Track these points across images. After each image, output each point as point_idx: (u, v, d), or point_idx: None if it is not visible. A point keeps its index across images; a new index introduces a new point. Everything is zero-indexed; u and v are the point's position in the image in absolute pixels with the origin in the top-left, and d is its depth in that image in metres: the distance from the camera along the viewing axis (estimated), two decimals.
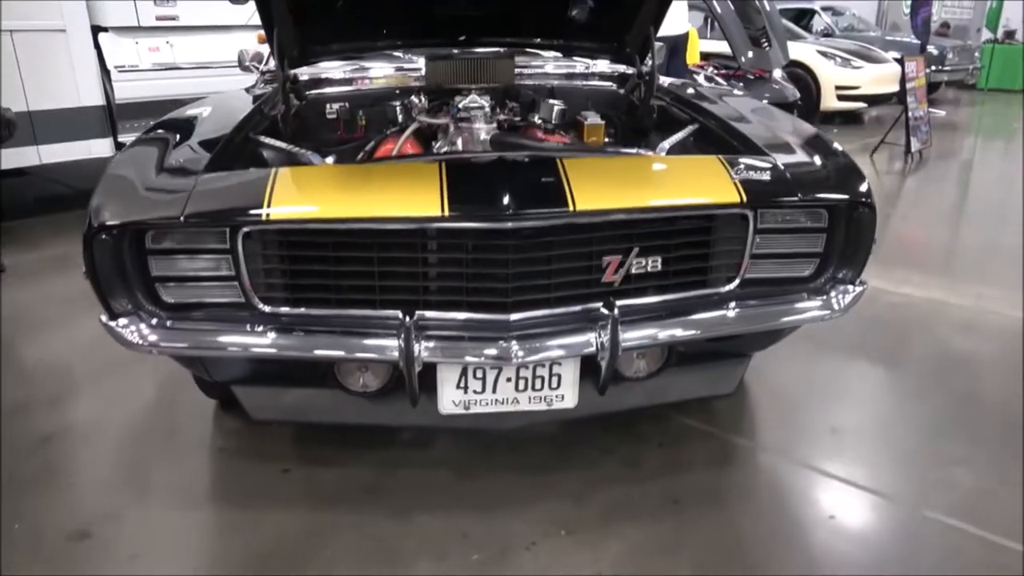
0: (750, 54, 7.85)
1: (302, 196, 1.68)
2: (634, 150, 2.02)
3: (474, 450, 2.21)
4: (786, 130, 2.23)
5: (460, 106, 2.49)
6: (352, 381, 1.85)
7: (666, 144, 2.08)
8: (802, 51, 9.30)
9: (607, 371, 1.71)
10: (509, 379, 1.77)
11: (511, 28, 2.92)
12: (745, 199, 1.74)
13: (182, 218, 1.61)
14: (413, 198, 1.63)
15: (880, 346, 2.95)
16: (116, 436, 2.37)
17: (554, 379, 1.79)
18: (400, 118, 2.63)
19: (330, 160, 1.94)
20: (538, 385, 1.79)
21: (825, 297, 1.90)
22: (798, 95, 8.11)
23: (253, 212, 1.61)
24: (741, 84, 7.82)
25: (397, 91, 2.94)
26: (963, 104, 12.33)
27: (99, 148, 5.26)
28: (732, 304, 1.83)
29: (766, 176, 1.80)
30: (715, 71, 8.13)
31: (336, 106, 2.85)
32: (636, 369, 1.92)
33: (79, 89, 5.12)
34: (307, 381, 1.90)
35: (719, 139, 2.24)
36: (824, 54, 9.39)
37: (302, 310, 1.73)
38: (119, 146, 5.31)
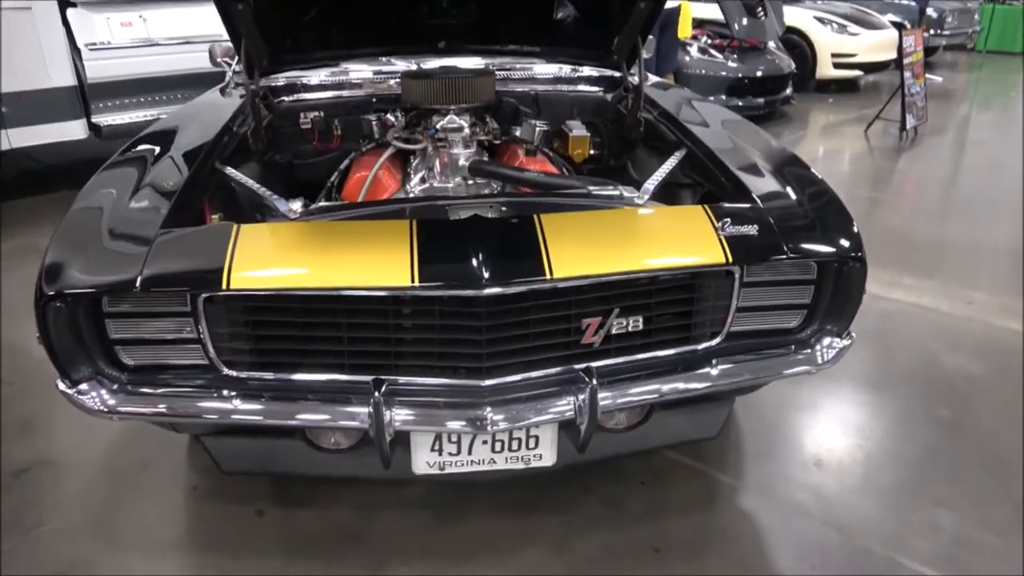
0: (744, 22, 7.68)
1: (264, 261, 1.59)
2: (616, 191, 1.92)
3: (452, 491, 2.18)
4: (764, 155, 2.18)
5: (438, 127, 2.38)
6: (323, 439, 1.80)
7: (650, 185, 1.98)
8: (798, 16, 9.07)
9: (586, 433, 1.66)
10: (485, 441, 1.72)
11: (493, 34, 2.79)
12: (731, 258, 1.66)
13: (137, 285, 1.53)
14: (382, 265, 1.55)
15: (868, 364, 2.91)
16: (89, 472, 2.32)
17: (532, 440, 1.75)
18: (376, 132, 2.52)
19: (297, 205, 1.83)
20: (515, 446, 1.75)
21: (810, 350, 1.84)
22: (793, 66, 7.93)
23: (213, 279, 1.53)
24: (735, 55, 7.64)
25: (374, 99, 2.82)
26: (961, 68, 12.14)
27: (71, 130, 5.09)
28: (715, 360, 1.78)
29: (752, 230, 1.73)
30: (708, 41, 7.93)
31: (311, 116, 2.73)
32: (617, 421, 1.88)
33: (48, 69, 4.91)
34: (278, 435, 1.85)
35: (704, 170, 2.16)
36: (821, 20, 9.16)
37: (269, 375, 1.67)
38: (93, 127, 5.14)
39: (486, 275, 1.53)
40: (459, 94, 2.38)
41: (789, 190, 1.94)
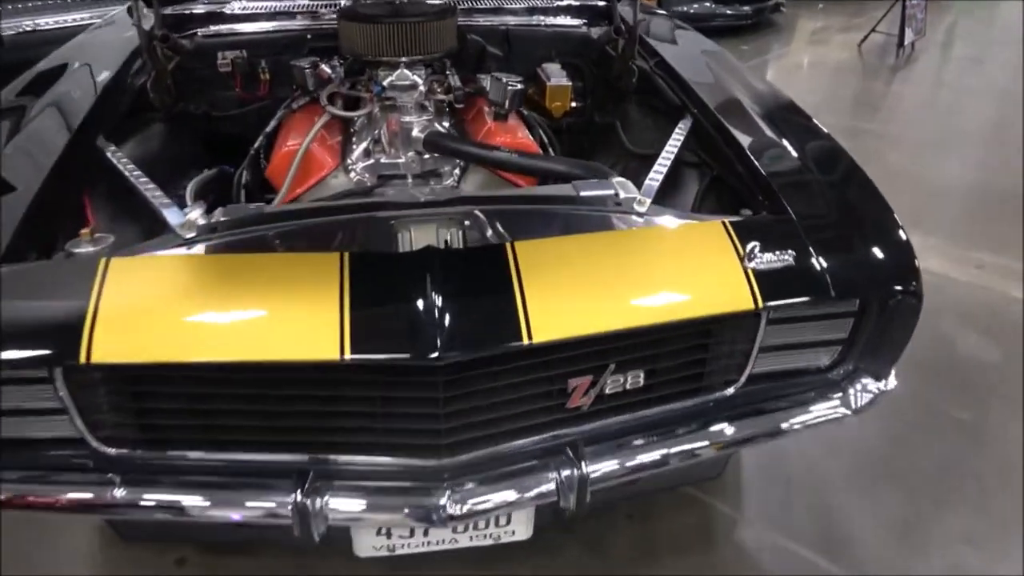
0: None
1: (141, 317, 1.17)
2: (610, 189, 1.50)
3: None
4: (768, 112, 1.86)
5: (384, 84, 1.90)
6: None
7: (652, 182, 1.56)
8: None
9: (572, 513, 1.33)
10: None
11: None
12: (761, 302, 1.29)
13: None
14: (301, 327, 1.14)
15: None
16: None
17: (503, 518, 1.41)
18: (310, 84, 2.03)
19: (196, 214, 1.39)
20: (482, 524, 1.41)
21: (842, 393, 1.51)
22: None
23: (65, 347, 1.12)
24: None
25: (309, 35, 2.30)
26: None
27: None
28: (730, 413, 1.44)
29: (787, 258, 1.34)
30: None
31: (230, 55, 2.21)
32: None
33: None
34: None
35: (712, 145, 1.75)
36: None
37: (160, 453, 1.28)
38: None
39: (441, 340, 1.13)
40: (412, 42, 1.88)
41: (816, 180, 1.56)
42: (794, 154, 1.68)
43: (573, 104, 2.35)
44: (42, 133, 1.68)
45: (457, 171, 1.92)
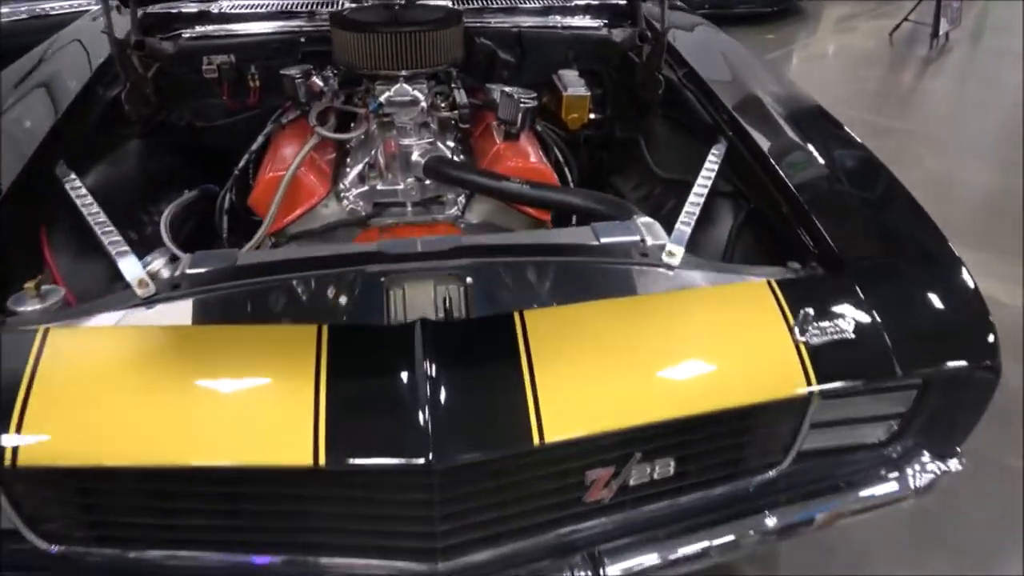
0: None
1: (80, 408, 0.98)
2: (634, 235, 1.29)
3: None
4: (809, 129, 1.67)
5: (381, 100, 1.70)
6: None
7: (684, 227, 1.35)
8: None
9: None
10: None
11: None
12: (816, 386, 1.09)
13: None
14: (267, 427, 0.96)
15: None
16: None
17: None
18: (302, 95, 1.83)
19: (159, 263, 1.21)
20: None
21: (899, 473, 1.31)
22: None
23: None
24: None
25: (303, 39, 2.09)
26: None
27: None
28: (772, 499, 1.25)
29: (845, 329, 1.14)
30: None
31: (217, 60, 2.01)
32: None
33: None
34: None
35: (749, 173, 1.54)
36: None
37: (112, 551, 1.10)
38: None
39: (435, 442, 0.94)
40: (412, 53, 1.68)
41: (868, 217, 1.38)
42: (841, 184, 1.49)
43: (592, 116, 2.14)
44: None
45: (462, 198, 1.73)
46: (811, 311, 1.13)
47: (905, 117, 4.80)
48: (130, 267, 1.20)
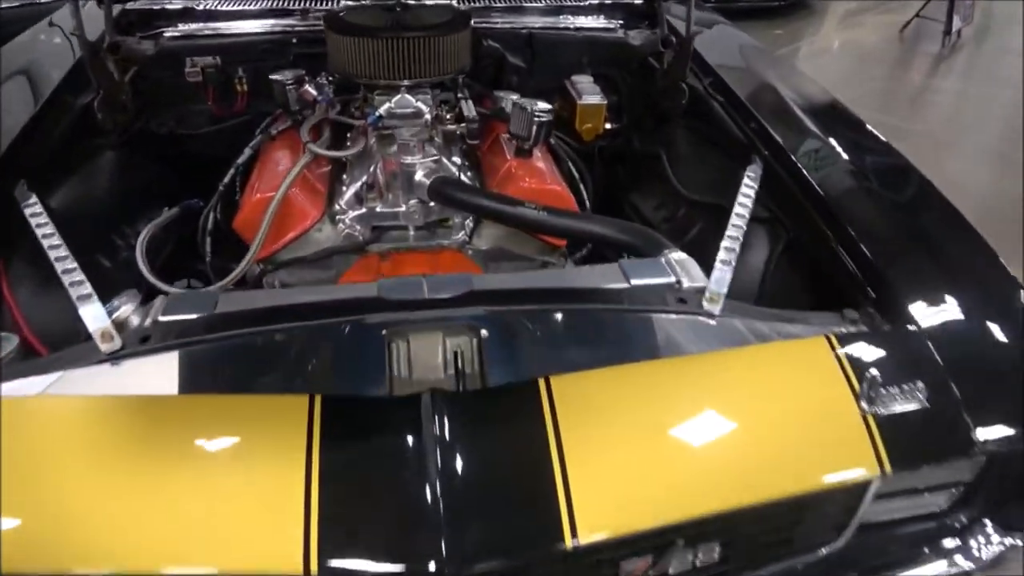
0: None
1: (26, 502, 0.83)
2: (668, 276, 1.14)
3: None
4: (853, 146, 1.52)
5: (381, 112, 1.54)
6: None
7: (724, 269, 1.19)
8: None
9: None
10: None
11: None
12: (890, 468, 0.94)
13: None
14: (249, 528, 0.80)
15: None
16: None
17: None
18: (293, 103, 1.67)
19: (128, 309, 1.05)
20: None
21: (961, 543, 1.17)
22: None
23: None
24: None
25: (295, 40, 1.93)
26: None
27: None
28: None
29: (918, 396, 0.99)
30: None
31: (201, 63, 1.85)
32: None
33: None
34: None
35: (788, 197, 1.40)
36: None
37: None
38: None
39: (448, 544, 0.79)
40: (416, 61, 1.52)
41: (928, 252, 1.23)
42: (893, 211, 1.35)
43: (607, 126, 1.98)
44: None
45: (469, 221, 1.57)
46: (878, 374, 0.98)
47: (920, 118, 4.65)
48: (93, 315, 1.04)
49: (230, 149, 1.80)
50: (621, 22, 2.16)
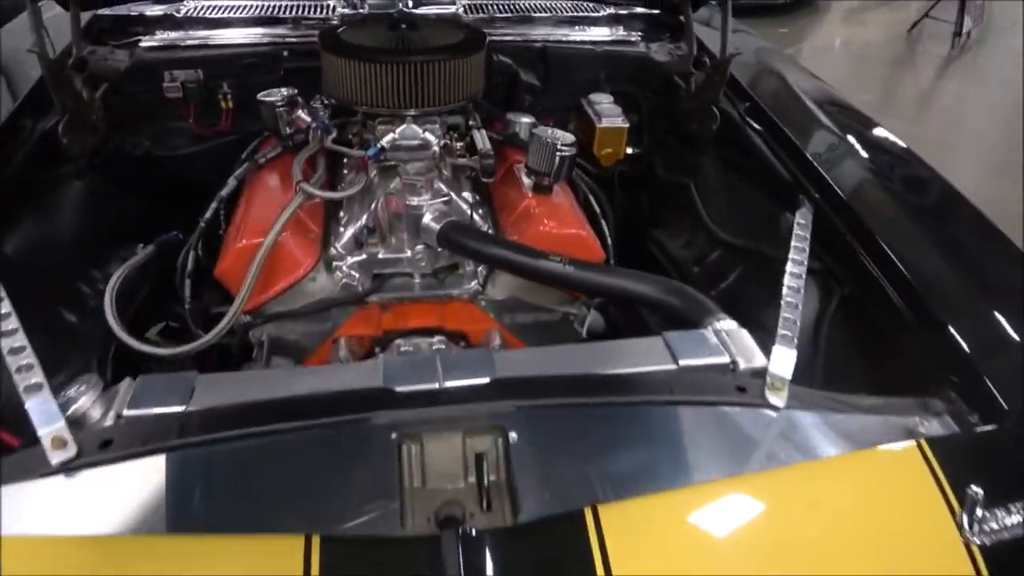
0: None
1: None
2: (721, 356, 0.98)
3: None
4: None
5: (383, 144, 1.37)
6: None
7: (785, 353, 1.02)
8: None
9: None
10: None
11: None
12: None
13: None
14: None
15: None
16: None
17: None
18: (284, 127, 1.49)
19: (84, 404, 0.88)
20: None
21: None
22: None
23: None
24: None
25: (285, 53, 1.75)
26: None
27: None
28: None
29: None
30: None
31: (181, 76, 1.67)
32: None
33: None
34: None
35: (841, 244, 1.24)
36: None
37: None
38: None
39: None
40: (424, 89, 1.34)
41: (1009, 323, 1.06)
42: (969, 267, 1.20)
43: (629, 150, 1.82)
44: None
45: (483, 268, 1.40)
46: (980, 492, 0.82)
47: (929, 124, 4.50)
48: (43, 413, 0.86)
49: (214, 172, 1.62)
50: (641, 34, 1.99)
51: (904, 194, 1.36)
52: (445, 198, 1.34)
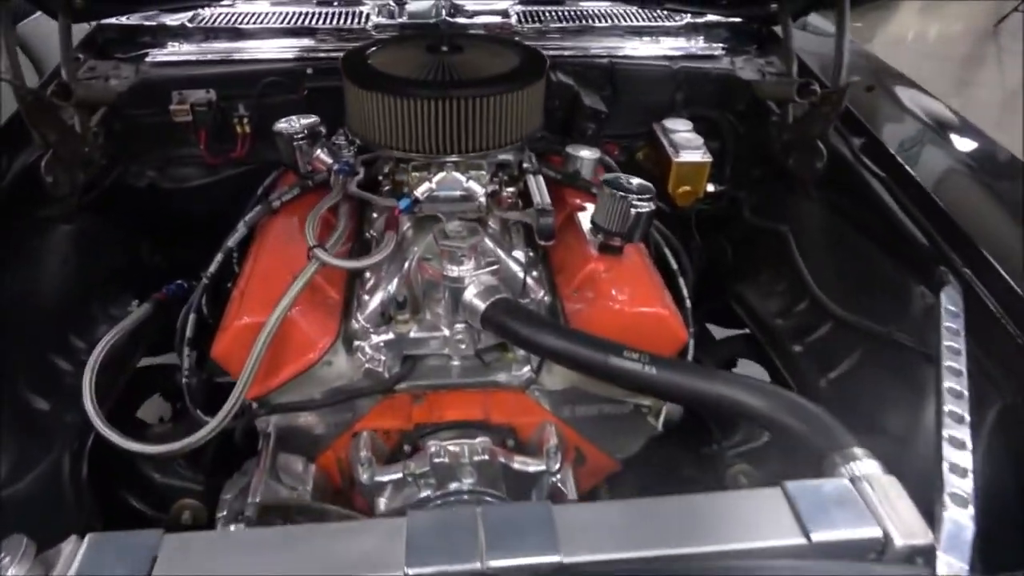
0: None
1: None
2: (874, 528, 0.71)
3: None
4: None
5: (419, 194, 1.11)
6: None
7: (961, 516, 0.74)
8: None
9: None
10: None
11: None
12: None
13: None
14: None
15: None
16: None
17: None
18: (303, 163, 1.25)
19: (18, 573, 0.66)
20: None
21: None
22: None
23: None
24: None
25: (309, 70, 1.51)
26: None
27: None
28: None
29: None
30: None
31: (192, 98, 1.46)
32: None
33: None
34: None
35: (1012, 358, 0.95)
36: None
37: None
38: None
39: None
40: (468, 132, 1.08)
41: None
42: None
43: (710, 188, 1.53)
44: None
45: None
46: None
47: (1004, 116, 4.07)
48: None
49: (228, 207, 1.40)
50: (723, 45, 1.70)
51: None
52: (492, 266, 1.07)
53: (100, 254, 1.35)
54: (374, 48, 1.24)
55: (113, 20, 1.59)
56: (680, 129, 1.52)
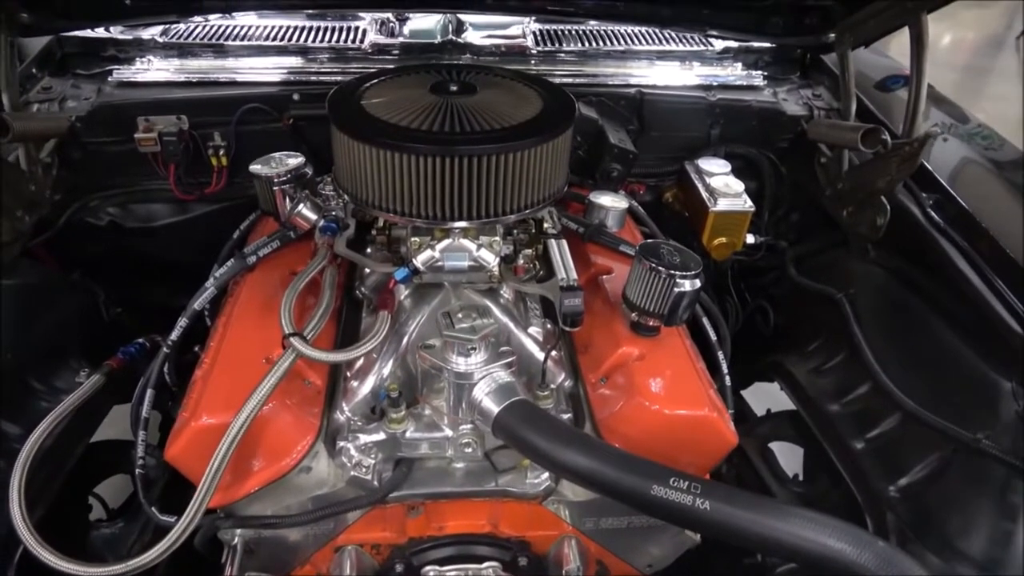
0: None
1: None
2: None
3: None
4: None
5: (419, 264, 0.93)
6: None
7: None
8: None
9: None
10: None
11: None
12: None
13: None
14: None
15: None
16: None
17: None
18: (283, 212, 1.07)
19: None
20: None
21: None
22: None
23: None
24: None
25: (296, 95, 1.32)
26: None
27: None
28: None
29: None
30: None
31: (159, 125, 1.26)
32: None
33: None
34: None
35: None
36: None
37: None
38: None
39: None
40: (481, 196, 0.90)
41: None
42: None
43: (750, 239, 1.35)
44: None
45: None
46: None
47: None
48: None
49: (201, 251, 1.21)
50: (763, 73, 1.51)
51: None
52: (507, 357, 0.89)
53: (46, 312, 1.16)
54: (367, 85, 1.04)
55: (78, 33, 1.39)
56: (717, 171, 1.33)
